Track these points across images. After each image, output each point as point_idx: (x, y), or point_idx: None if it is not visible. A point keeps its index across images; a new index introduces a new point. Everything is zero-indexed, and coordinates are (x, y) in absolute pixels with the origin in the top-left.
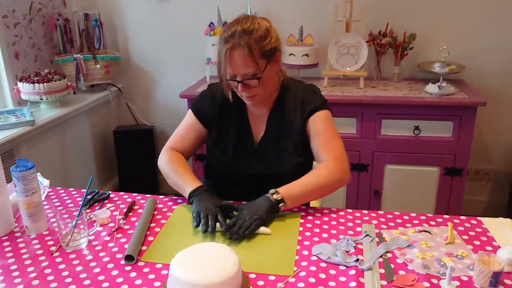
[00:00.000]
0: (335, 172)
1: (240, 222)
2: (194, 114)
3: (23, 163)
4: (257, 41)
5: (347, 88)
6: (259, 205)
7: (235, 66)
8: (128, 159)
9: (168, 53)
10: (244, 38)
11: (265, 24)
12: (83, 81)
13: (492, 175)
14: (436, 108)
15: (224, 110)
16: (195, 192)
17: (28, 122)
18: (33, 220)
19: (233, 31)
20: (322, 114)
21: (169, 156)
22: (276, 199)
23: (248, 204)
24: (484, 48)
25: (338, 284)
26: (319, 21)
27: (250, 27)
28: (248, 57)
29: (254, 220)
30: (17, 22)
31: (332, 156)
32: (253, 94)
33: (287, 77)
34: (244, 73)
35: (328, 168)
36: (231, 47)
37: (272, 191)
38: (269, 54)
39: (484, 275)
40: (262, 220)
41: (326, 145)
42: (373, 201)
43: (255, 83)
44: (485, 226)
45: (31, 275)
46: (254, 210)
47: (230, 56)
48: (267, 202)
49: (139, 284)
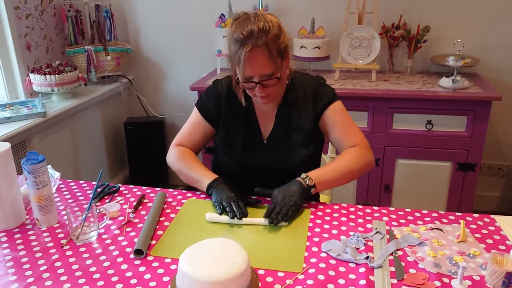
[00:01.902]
0: (364, 157)
1: (278, 208)
2: (200, 112)
3: (34, 156)
4: (274, 39)
5: (358, 81)
6: (292, 190)
7: (255, 68)
8: (139, 151)
9: (179, 45)
10: (262, 38)
11: (276, 21)
12: (94, 73)
13: (505, 171)
14: (449, 103)
15: (230, 107)
16: (213, 184)
17: (39, 114)
18: (44, 212)
19: (249, 31)
20: (336, 105)
21: (178, 152)
22: (308, 184)
23: (282, 189)
24: (499, 42)
25: (348, 282)
26: (331, 13)
27: (265, 25)
28: (267, 58)
29: (290, 207)
30: (29, 14)
31: (358, 142)
32: (269, 93)
33: (292, 71)
34: (262, 73)
35: (356, 153)
36: (250, 48)
37: (303, 175)
38: (284, 51)
39: (497, 275)
40: (297, 206)
41: (350, 133)
42: (384, 196)
43: (273, 83)
44: (498, 224)
45: (41, 268)
46: (288, 196)
47: (249, 58)
48: (299, 187)
49: (148, 278)
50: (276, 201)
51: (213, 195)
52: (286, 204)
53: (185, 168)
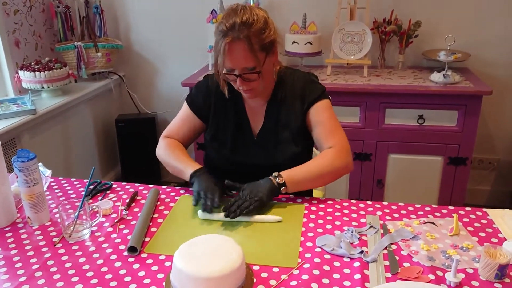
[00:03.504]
0: (340, 160)
1: (240, 201)
2: (189, 107)
3: (25, 153)
4: (257, 34)
5: (350, 76)
6: (261, 186)
7: (234, 60)
8: (130, 148)
9: (170, 41)
10: (244, 31)
11: (263, 15)
12: (84, 69)
13: (495, 165)
14: (441, 97)
15: (220, 102)
16: (196, 173)
17: (29, 111)
18: (35, 211)
19: (232, 23)
20: (323, 103)
21: (166, 144)
22: (278, 183)
23: (251, 185)
24: (490, 36)
25: (343, 276)
26: (323, 8)
27: (249, 19)
28: (248, 51)
29: (254, 202)
30: (17, 9)
31: (337, 144)
32: (252, 88)
33: (282, 67)
34: (242, 66)
35: (333, 155)
36: (230, 40)
37: (275, 174)
38: (268, 46)
39: (490, 267)
40: (262, 202)
41: (331, 134)
42: (376, 190)
43: (254, 77)
44: (490, 218)
45: (34, 267)
46: (255, 191)
47: (230, 49)
48: (268, 184)
49: (142, 275)
50: (241, 195)
51: (194, 184)
52: (251, 198)
53: (171, 158)
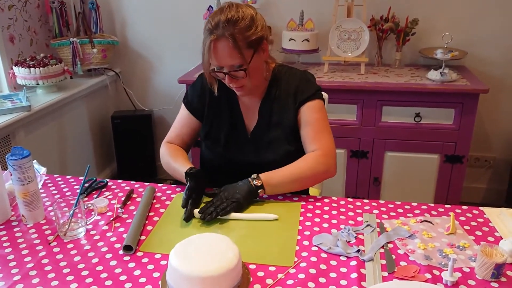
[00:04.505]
0: (322, 165)
1: (217, 203)
2: (186, 107)
3: (19, 151)
4: (242, 31)
5: (348, 74)
6: (238, 188)
7: (220, 58)
8: (126, 145)
9: (166, 37)
10: (228, 28)
11: (250, 12)
12: (80, 66)
13: (491, 163)
14: (437, 95)
15: (215, 100)
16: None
17: (24, 108)
18: (30, 209)
19: (217, 22)
20: (315, 103)
21: (166, 149)
22: (256, 185)
23: (229, 187)
24: (487, 35)
25: (339, 275)
26: (320, 5)
27: (234, 16)
28: (233, 49)
29: (230, 203)
30: (11, 5)
31: (321, 148)
32: (242, 85)
33: (277, 64)
34: (228, 64)
35: (315, 159)
36: (215, 38)
37: (253, 176)
38: (256, 43)
39: (487, 266)
40: (239, 203)
41: (317, 136)
42: (373, 188)
43: (241, 75)
44: (487, 216)
45: (28, 265)
46: (232, 193)
47: (215, 48)
48: (246, 186)
49: (138, 274)
50: (219, 196)
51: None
52: (228, 199)
53: (169, 162)
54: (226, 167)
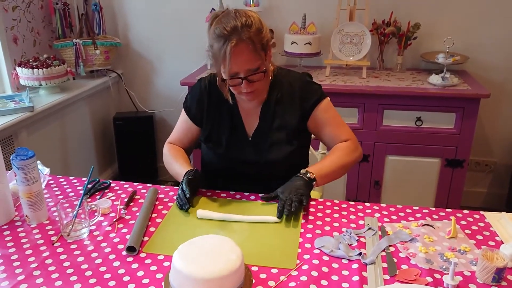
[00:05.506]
0: (356, 151)
1: (289, 201)
2: (185, 112)
3: (24, 151)
4: (256, 33)
5: (349, 77)
6: (296, 184)
7: (240, 62)
8: (128, 146)
9: (169, 39)
10: (246, 32)
11: (257, 16)
12: (82, 67)
13: (492, 167)
14: (438, 100)
15: (214, 105)
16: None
17: (27, 108)
18: (34, 209)
19: (233, 27)
20: (325, 103)
21: (167, 150)
22: (310, 178)
23: (285, 186)
24: (488, 39)
25: (341, 278)
26: (323, 9)
27: (247, 21)
28: (252, 51)
29: (300, 197)
30: (15, 6)
31: (348, 137)
32: (254, 89)
33: (275, 67)
34: (248, 68)
35: (348, 147)
36: (235, 43)
37: (303, 171)
38: (266, 45)
39: (488, 271)
40: (306, 195)
41: (339, 130)
42: (373, 191)
43: (259, 77)
44: (488, 221)
45: (32, 265)
46: (294, 190)
47: (235, 52)
48: (302, 180)
49: (141, 275)
50: (283, 198)
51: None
52: (296, 194)
53: (171, 163)
54: (227, 168)
